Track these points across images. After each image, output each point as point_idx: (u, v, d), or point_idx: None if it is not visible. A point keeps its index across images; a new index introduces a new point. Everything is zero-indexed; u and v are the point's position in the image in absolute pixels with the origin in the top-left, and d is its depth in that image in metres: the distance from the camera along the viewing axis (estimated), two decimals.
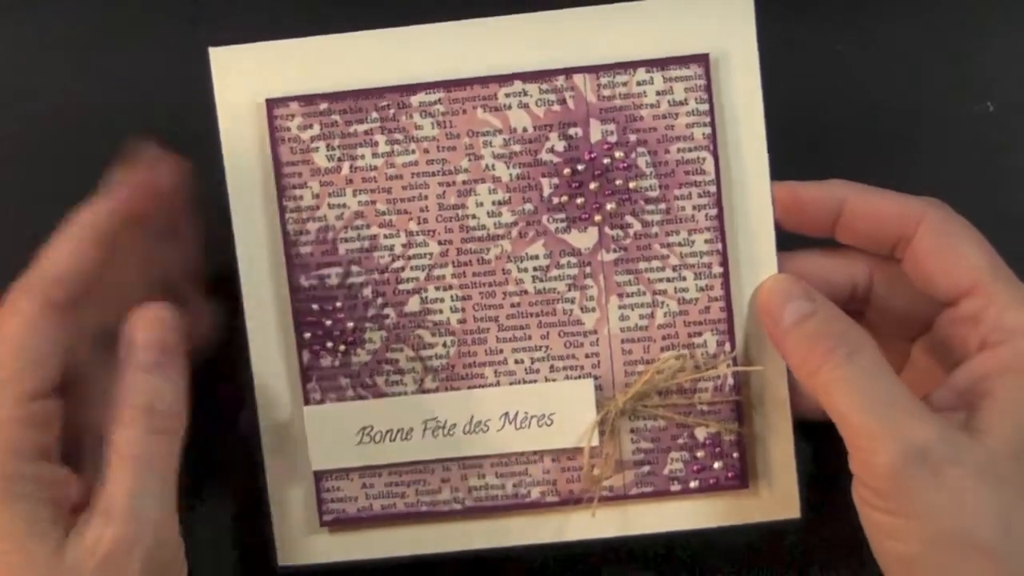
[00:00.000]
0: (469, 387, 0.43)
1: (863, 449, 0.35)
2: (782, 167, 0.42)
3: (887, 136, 0.45)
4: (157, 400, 0.38)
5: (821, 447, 0.44)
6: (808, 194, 0.40)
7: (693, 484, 0.44)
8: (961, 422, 0.36)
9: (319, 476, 0.44)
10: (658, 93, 0.42)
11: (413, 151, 0.42)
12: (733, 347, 0.43)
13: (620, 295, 0.43)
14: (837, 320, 0.38)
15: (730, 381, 0.43)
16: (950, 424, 0.35)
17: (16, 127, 0.46)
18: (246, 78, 0.43)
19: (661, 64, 0.42)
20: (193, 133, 0.43)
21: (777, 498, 0.44)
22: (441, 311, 0.43)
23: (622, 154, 0.42)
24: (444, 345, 0.43)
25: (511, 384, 0.43)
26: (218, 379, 0.45)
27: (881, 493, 0.35)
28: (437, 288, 0.43)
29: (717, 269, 0.42)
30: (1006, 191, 0.46)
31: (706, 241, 0.42)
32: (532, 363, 0.43)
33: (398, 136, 0.42)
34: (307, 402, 0.44)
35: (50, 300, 0.37)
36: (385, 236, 0.43)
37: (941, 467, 0.34)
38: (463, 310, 0.43)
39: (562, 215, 0.43)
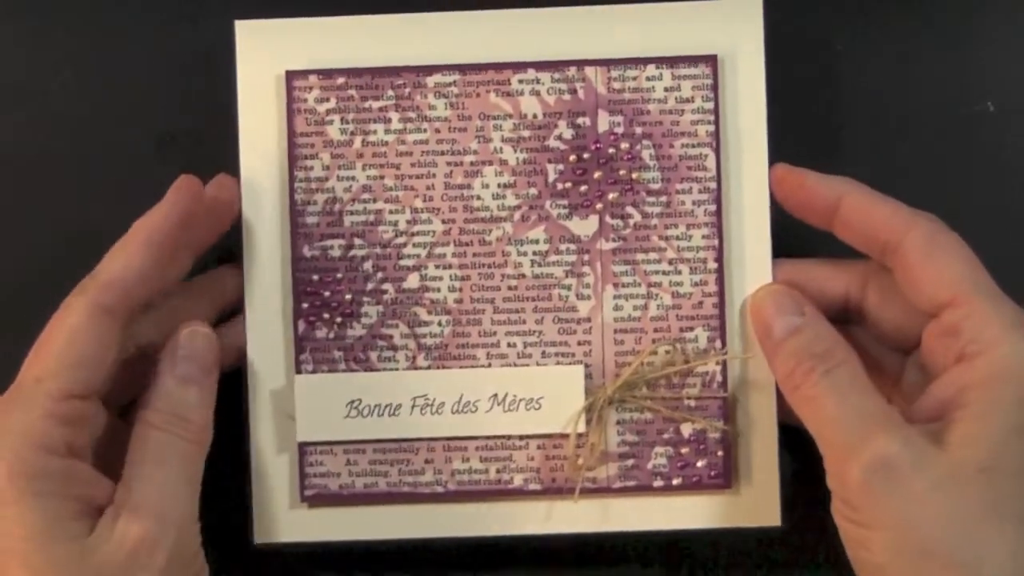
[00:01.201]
0: (461, 367, 0.44)
1: (835, 462, 0.36)
2: (789, 153, 0.43)
3: (887, 136, 0.46)
4: (190, 411, 0.40)
5: (804, 452, 0.44)
6: (811, 182, 0.41)
7: (676, 481, 0.44)
8: (935, 433, 0.36)
9: (304, 449, 0.44)
10: (666, 89, 0.43)
11: (425, 130, 0.44)
12: (724, 344, 0.43)
13: (616, 285, 0.44)
14: (823, 337, 0.39)
15: (718, 378, 0.43)
16: (918, 435, 0.35)
17: (16, 127, 0.47)
18: (268, 51, 0.44)
19: (671, 62, 0.43)
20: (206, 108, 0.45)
21: (759, 502, 0.44)
22: (439, 289, 0.44)
23: (627, 145, 0.43)
24: (439, 324, 0.44)
25: (502, 367, 0.44)
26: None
27: (852, 505, 0.36)
28: (437, 266, 0.44)
29: (712, 265, 0.43)
30: (1006, 191, 0.46)
31: (703, 237, 0.43)
32: (525, 347, 0.44)
33: (411, 115, 0.44)
34: (299, 372, 0.44)
35: (100, 304, 0.38)
36: (390, 211, 0.44)
37: (905, 478, 0.34)
38: (460, 290, 0.44)
39: (564, 201, 0.44)
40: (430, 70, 0.44)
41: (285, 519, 0.45)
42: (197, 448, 0.40)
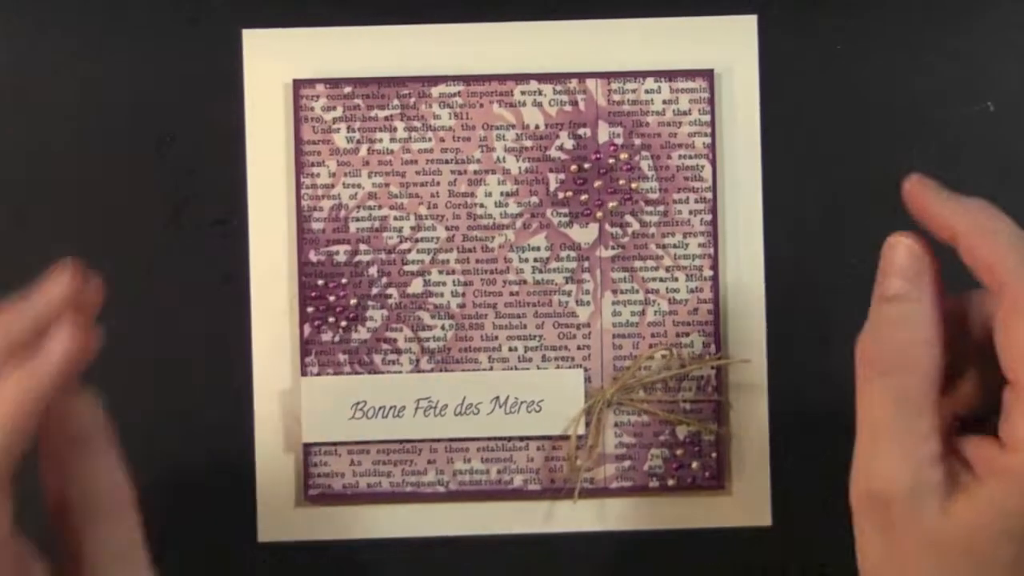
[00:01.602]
0: (463, 370, 0.45)
1: (856, 466, 0.34)
2: (783, 166, 0.44)
3: (887, 136, 0.47)
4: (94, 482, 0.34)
5: (796, 454, 0.46)
6: (934, 209, 0.36)
7: (671, 482, 0.45)
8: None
9: (308, 449, 0.45)
10: (664, 102, 0.45)
11: (429, 139, 0.45)
12: (718, 348, 0.45)
13: (614, 291, 0.45)
14: (912, 322, 0.34)
15: (713, 382, 0.45)
16: (935, 482, 0.32)
17: (16, 127, 0.47)
18: (275, 60, 0.45)
19: (669, 75, 0.45)
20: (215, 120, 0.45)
21: (751, 503, 0.45)
22: (442, 294, 0.45)
23: (627, 156, 0.45)
24: (443, 328, 0.45)
25: (504, 370, 0.45)
26: (215, 353, 0.46)
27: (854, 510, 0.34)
28: (440, 272, 0.45)
29: (708, 272, 0.45)
30: (1006, 191, 0.45)
31: (699, 245, 0.45)
32: (525, 351, 0.45)
33: (416, 124, 0.45)
34: (304, 375, 0.45)
35: None
36: (395, 218, 0.45)
37: (897, 522, 0.32)
38: (463, 295, 0.45)
39: (565, 210, 0.45)
40: (435, 80, 0.45)
41: (290, 518, 0.46)
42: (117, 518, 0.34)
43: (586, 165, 0.45)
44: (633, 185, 0.45)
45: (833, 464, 0.36)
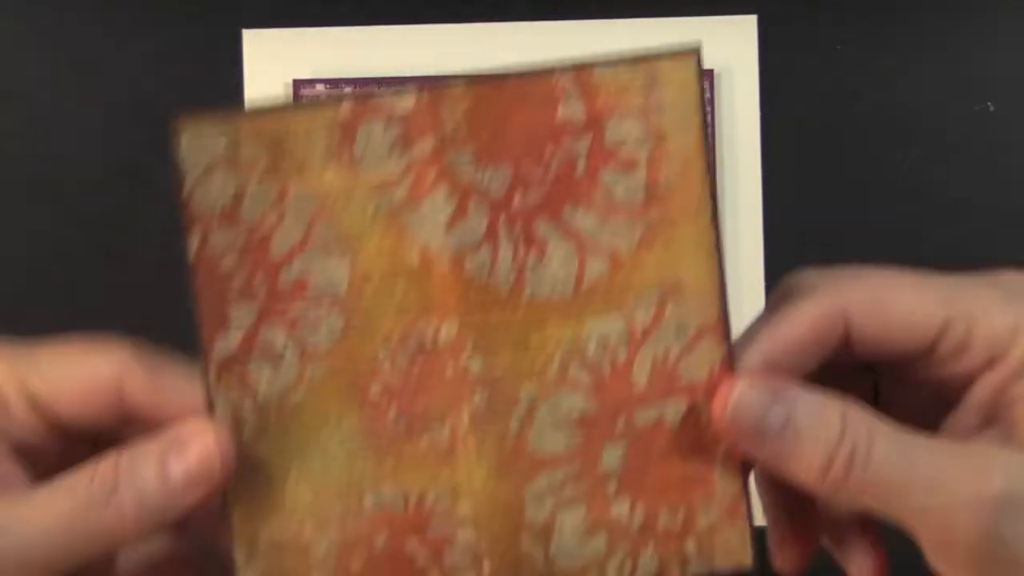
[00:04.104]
0: None
1: (940, 527, 0.30)
2: (782, 166, 0.44)
3: (887, 136, 0.47)
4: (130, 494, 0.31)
5: None
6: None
7: None
8: (999, 438, 0.33)
9: None
10: None
11: None
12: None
13: None
14: (826, 415, 0.31)
15: None
16: (1008, 455, 0.31)
17: (16, 127, 0.48)
18: (275, 60, 0.45)
19: None
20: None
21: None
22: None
23: None
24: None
25: None
26: None
27: (977, 561, 0.30)
28: None
29: None
30: (1006, 191, 0.47)
31: None
32: None
33: None
34: None
35: None
36: None
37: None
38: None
39: None
40: (434, 80, 0.45)
41: None
42: (102, 534, 0.31)
43: None
44: None
45: None
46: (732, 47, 0.45)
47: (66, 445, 0.32)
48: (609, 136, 0.29)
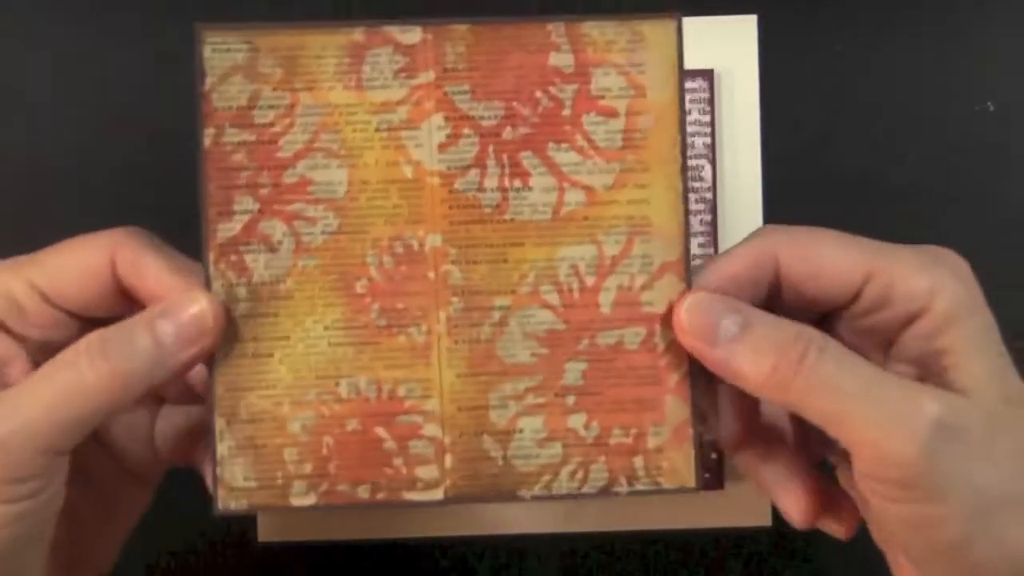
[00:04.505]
0: None
1: (875, 443, 0.31)
2: (783, 165, 0.44)
3: (887, 136, 0.47)
4: (120, 356, 0.33)
5: None
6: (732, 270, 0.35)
7: None
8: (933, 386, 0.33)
9: None
10: None
11: None
12: None
13: None
14: (783, 323, 0.33)
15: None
16: (943, 392, 0.32)
17: (15, 127, 0.47)
18: None
19: None
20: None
21: (750, 503, 0.45)
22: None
23: None
24: None
25: None
26: None
27: (907, 483, 0.31)
28: None
29: None
30: (1006, 191, 0.47)
31: (699, 245, 0.45)
32: None
33: None
34: None
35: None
36: None
37: (962, 434, 0.31)
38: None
39: None
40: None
41: (290, 518, 0.46)
42: (96, 396, 0.32)
43: None
44: None
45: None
46: (732, 47, 0.45)
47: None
48: (594, 85, 0.33)
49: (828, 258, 0.33)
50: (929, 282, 0.33)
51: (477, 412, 0.33)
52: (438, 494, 0.33)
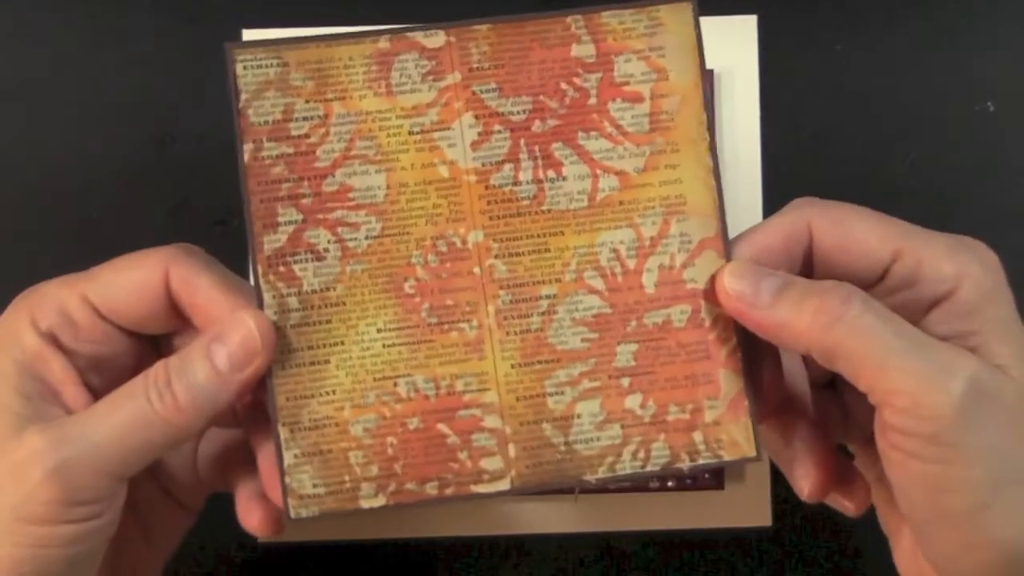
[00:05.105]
0: None
1: (911, 392, 0.31)
2: (782, 166, 0.44)
3: (887, 136, 0.47)
4: (182, 388, 0.34)
5: None
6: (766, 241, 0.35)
7: (670, 482, 0.45)
8: None
9: None
10: None
11: None
12: None
13: None
14: (822, 281, 0.33)
15: None
16: (979, 359, 0.32)
17: (16, 126, 0.47)
18: None
19: None
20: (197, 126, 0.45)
21: (750, 503, 0.45)
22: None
23: None
24: None
25: None
26: None
27: (936, 439, 0.31)
28: None
29: None
30: (1006, 191, 0.47)
31: None
32: None
33: None
34: None
35: None
36: None
37: (996, 400, 0.31)
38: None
39: None
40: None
41: (290, 519, 0.46)
42: (163, 427, 0.33)
43: None
44: None
45: None
46: (732, 47, 0.45)
47: (140, 351, 0.36)
48: (617, 72, 0.34)
49: (859, 232, 0.34)
50: (956, 267, 0.33)
51: (535, 400, 0.34)
52: (505, 484, 0.34)
